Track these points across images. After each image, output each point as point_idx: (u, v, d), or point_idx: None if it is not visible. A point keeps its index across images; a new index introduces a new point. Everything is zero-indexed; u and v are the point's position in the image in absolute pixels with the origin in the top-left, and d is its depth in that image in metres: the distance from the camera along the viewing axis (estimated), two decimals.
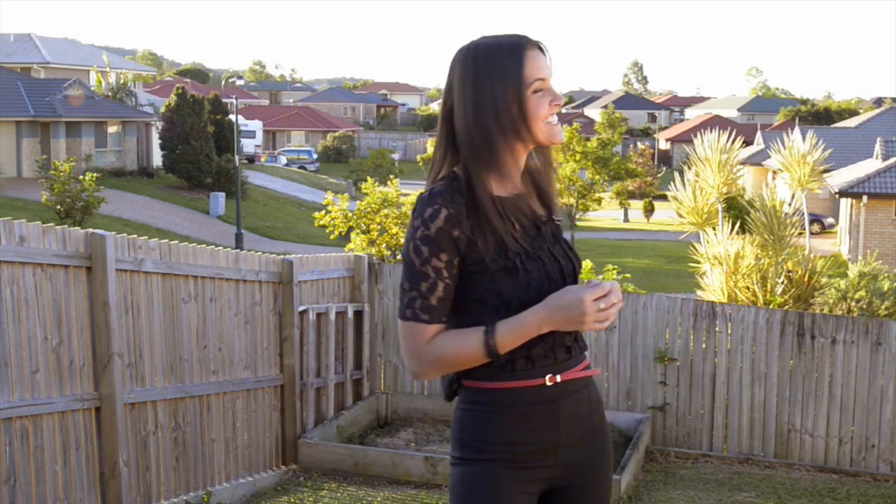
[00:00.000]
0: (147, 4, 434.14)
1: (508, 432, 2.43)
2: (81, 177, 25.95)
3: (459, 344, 2.37)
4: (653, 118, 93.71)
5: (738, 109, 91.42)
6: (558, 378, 2.44)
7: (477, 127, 2.38)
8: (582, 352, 2.53)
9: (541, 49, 2.45)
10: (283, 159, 59.09)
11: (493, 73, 2.37)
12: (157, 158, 38.71)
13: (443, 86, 2.52)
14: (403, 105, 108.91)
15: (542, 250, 2.47)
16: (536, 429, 2.44)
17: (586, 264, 14.06)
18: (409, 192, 15.44)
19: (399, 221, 14.73)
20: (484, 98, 2.37)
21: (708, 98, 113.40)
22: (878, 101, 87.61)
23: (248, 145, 52.95)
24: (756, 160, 43.62)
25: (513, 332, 2.35)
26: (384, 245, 14.74)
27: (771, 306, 11.04)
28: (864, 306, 12.28)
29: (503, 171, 2.46)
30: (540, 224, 2.51)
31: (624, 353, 9.10)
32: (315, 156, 61.27)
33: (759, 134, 49.32)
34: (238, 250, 9.62)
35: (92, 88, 39.46)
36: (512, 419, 2.43)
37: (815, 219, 34.31)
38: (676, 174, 14.12)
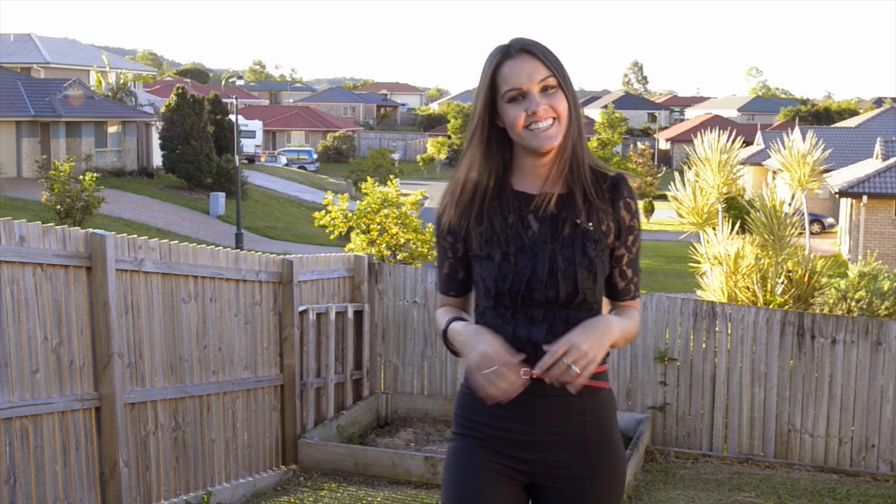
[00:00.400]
0: (147, 4, 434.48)
1: (482, 413, 2.56)
2: (81, 177, 25.94)
3: (440, 320, 2.65)
4: (653, 118, 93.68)
5: (738, 109, 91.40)
6: (534, 373, 2.47)
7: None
8: None
9: (534, 55, 2.47)
10: (283, 159, 59.05)
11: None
12: (157, 158, 38.71)
13: (442, 86, 2.59)
14: (403, 105, 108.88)
15: (543, 248, 2.49)
16: (508, 418, 2.53)
17: None
18: (408, 193, 15.44)
19: (399, 221, 14.73)
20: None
21: (708, 98, 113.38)
22: (878, 101, 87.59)
23: (248, 145, 52.94)
24: (756, 160, 43.60)
25: (455, 336, 2.54)
26: (384, 245, 14.74)
27: (771, 306, 11.04)
28: (864, 306, 12.27)
29: (524, 169, 2.55)
30: (560, 224, 2.51)
31: (624, 353, 9.09)
32: (315, 156, 61.22)
33: (759, 134, 49.28)
34: (238, 250, 9.62)
35: (92, 88, 39.45)
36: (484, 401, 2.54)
37: (815, 219, 34.31)
38: (676, 174, 14.12)
